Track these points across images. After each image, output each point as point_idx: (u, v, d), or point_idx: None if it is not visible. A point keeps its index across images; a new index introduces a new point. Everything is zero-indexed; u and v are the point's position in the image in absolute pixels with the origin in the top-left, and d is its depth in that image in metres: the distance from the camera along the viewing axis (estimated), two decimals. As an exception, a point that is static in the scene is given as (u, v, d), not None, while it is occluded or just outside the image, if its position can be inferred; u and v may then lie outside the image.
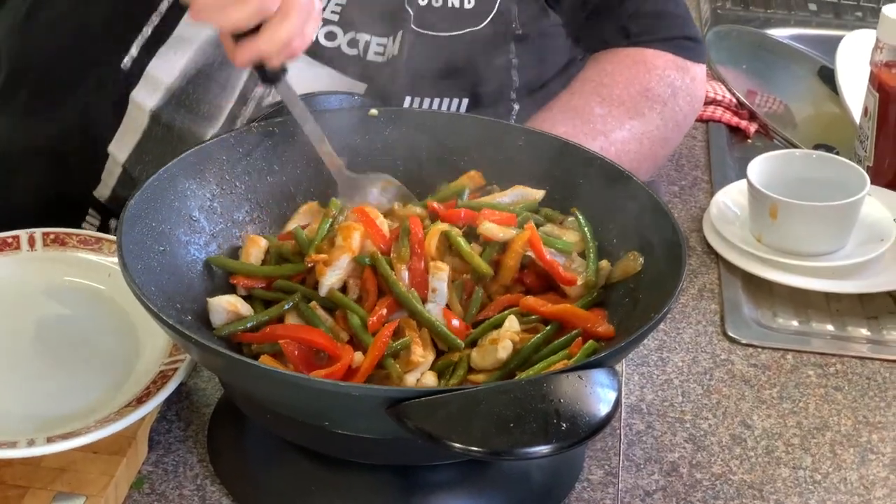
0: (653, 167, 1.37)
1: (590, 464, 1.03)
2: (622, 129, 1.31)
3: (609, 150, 1.28)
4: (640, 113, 1.33)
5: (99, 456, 0.97)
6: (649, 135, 1.33)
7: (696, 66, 1.39)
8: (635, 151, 1.31)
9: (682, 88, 1.36)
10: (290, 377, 0.87)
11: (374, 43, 1.26)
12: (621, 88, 1.33)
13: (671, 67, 1.36)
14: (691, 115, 1.39)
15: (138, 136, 1.30)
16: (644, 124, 1.33)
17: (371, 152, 1.13)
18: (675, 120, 1.36)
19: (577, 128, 1.28)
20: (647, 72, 1.35)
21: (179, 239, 1.03)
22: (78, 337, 1.08)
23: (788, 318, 1.25)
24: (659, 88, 1.35)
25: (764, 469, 1.04)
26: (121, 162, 1.31)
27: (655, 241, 1.02)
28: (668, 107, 1.35)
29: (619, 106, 1.32)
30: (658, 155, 1.36)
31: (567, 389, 0.83)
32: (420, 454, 0.92)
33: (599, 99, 1.32)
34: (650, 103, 1.34)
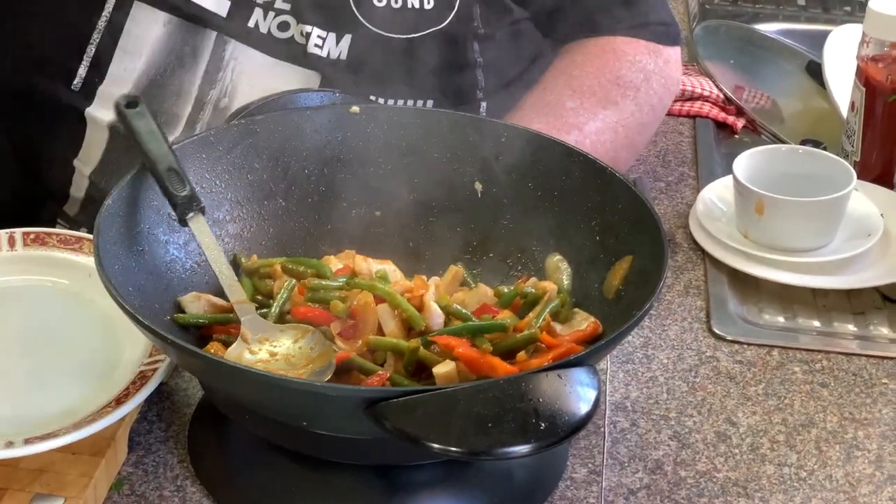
0: (632, 154, 1.36)
1: (573, 462, 1.03)
2: (595, 120, 1.30)
3: (584, 142, 1.27)
4: (612, 101, 1.32)
5: (78, 457, 0.96)
6: (624, 122, 1.32)
7: (669, 49, 1.38)
8: (611, 141, 1.31)
9: (656, 72, 1.36)
10: (268, 377, 0.86)
11: (314, 35, 1.25)
12: (592, 78, 1.33)
13: (642, 52, 1.35)
14: (667, 98, 1.39)
15: (101, 149, 1.29)
16: (618, 112, 1.32)
17: (352, 149, 1.12)
18: (650, 104, 1.35)
19: (550, 123, 1.27)
20: (618, 59, 1.34)
21: (158, 238, 1.02)
22: (57, 337, 1.07)
23: (775, 315, 1.24)
24: (630, 74, 1.34)
25: (749, 466, 1.04)
26: (86, 174, 1.30)
27: (639, 238, 1.02)
28: (642, 92, 1.34)
29: (591, 97, 1.32)
30: (636, 141, 1.35)
31: (546, 388, 0.82)
32: (401, 454, 0.92)
33: (570, 91, 1.32)
34: (622, 90, 1.33)
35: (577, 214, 1.07)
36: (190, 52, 1.25)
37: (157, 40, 1.25)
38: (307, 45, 1.24)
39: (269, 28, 1.23)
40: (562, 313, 1.00)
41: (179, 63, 1.25)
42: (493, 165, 1.12)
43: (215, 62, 1.25)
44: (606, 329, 0.99)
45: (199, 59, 1.25)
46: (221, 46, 1.25)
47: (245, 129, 1.07)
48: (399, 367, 0.95)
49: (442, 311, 0.99)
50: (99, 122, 1.27)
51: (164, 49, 1.25)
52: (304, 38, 1.24)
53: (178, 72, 1.25)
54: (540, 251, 1.09)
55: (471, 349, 0.93)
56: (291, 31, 1.23)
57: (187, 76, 1.25)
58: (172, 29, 1.25)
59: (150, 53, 1.25)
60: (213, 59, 1.25)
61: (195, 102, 1.26)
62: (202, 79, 1.25)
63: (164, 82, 1.26)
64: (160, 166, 1.00)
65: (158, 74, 1.26)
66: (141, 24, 1.25)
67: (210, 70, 1.25)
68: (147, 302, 0.96)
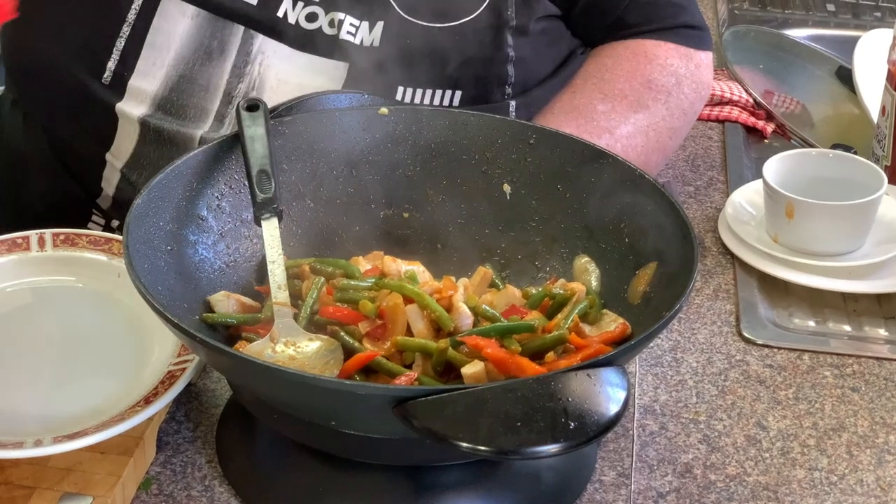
0: (662, 159, 1.35)
1: (602, 465, 1.02)
2: (627, 124, 1.30)
3: (615, 146, 1.27)
4: (643, 105, 1.32)
5: (106, 456, 0.96)
6: (655, 126, 1.32)
7: (701, 53, 1.37)
8: (642, 145, 1.30)
9: (687, 76, 1.35)
10: (297, 376, 0.86)
11: (347, 23, 1.25)
12: (623, 82, 1.32)
13: (673, 56, 1.35)
14: (698, 103, 1.38)
15: (133, 143, 1.30)
16: (649, 116, 1.32)
17: (380, 151, 1.12)
18: (682, 108, 1.34)
19: (581, 127, 1.27)
20: (649, 62, 1.34)
21: (187, 238, 1.02)
22: (87, 337, 1.07)
23: (805, 319, 1.23)
24: (662, 78, 1.33)
25: (779, 470, 1.03)
26: (118, 168, 1.31)
27: (668, 240, 1.01)
28: (673, 96, 1.33)
29: (622, 100, 1.31)
30: (666, 146, 1.34)
31: (576, 388, 0.82)
32: (429, 454, 0.91)
33: (601, 95, 1.31)
34: (654, 94, 1.32)
35: (606, 216, 1.07)
36: (218, 47, 1.26)
37: (184, 34, 1.25)
38: (339, 32, 1.23)
39: (298, 18, 1.23)
40: (590, 315, 1.00)
41: (207, 57, 1.26)
42: (522, 167, 1.11)
43: (243, 56, 1.25)
44: (635, 331, 0.98)
45: (226, 54, 1.26)
46: (249, 41, 1.25)
47: (273, 130, 1.07)
48: (427, 367, 0.94)
49: (471, 312, 0.98)
50: (129, 117, 1.28)
51: (191, 43, 1.25)
52: (333, 27, 1.24)
53: (206, 66, 1.26)
54: (568, 253, 1.09)
55: (499, 350, 0.93)
56: (319, 22, 1.23)
57: (215, 70, 1.26)
58: (200, 22, 1.25)
59: (179, 47, 1.26)
60: (240, 53, 1.25)
61: (223, 96, 1.26)
62: (230, 73, 1.26)
63: (192, 77, 1.27)
64: (253, 168, 1.03)
65: (187, 69, 1.27)
66: (169, 19, 1.25)
67: (238, 64, 1.26)
68: (176, 301, 0.96)
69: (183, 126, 1.27)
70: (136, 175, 1.30)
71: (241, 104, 1.06)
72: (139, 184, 1.29)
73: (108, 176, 1.32)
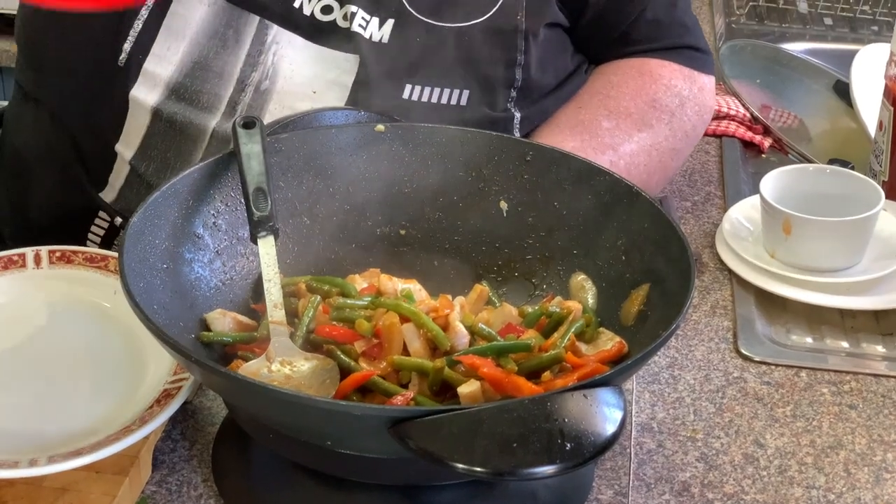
0: (663, 179, 1.35)
1: (599, 483, 1.02)
2: (630, 142, 1.30)
3: (618, 163, 1.26)
4: (648, 124, 1.31)
5: (101, 475, 0.96)
6: (658, 146, 1.31)
7: (704, 77, 1.38)
8: (644, 164, 1.30)
9: (690, 98, 1.35)
10: (292, 396, 0.85)
11: (359, 16, 1.25)
12: (628, 100, 1.32)
13: (677, 77, 1.35)
14: (700, 126, 1.38)
15: (142, 132, 1.29)
16: (653, 136, 1.31)
17: (377, 168, 1.12)
18: (684, 130, 1.34)
19: (585, 142, 1.27)
20: (654, 82, 1.34)
21: (183, 256, 1.02)
22: (82, 355, 1.07)
23: (802, 335, 1.23)
24: (666, 99, 1.33)
25: (777, 489, 1.03)
26: (127, 159, 1.31)
27: (665, 258, 1.01)
28: (677, 117, 1.33)
29: (627, 118, 1.31)
30: (668, 167, 1.34)
31: (572, 408, 0.82)
32: (425, 474, 0.91)
33: (607, 112, 1.31)
34: (658, 114, 1.32)
35: (603, 234, 1.07)
36: (233, 35, 1.26)
37: (201, 21, 1.26)
38: (351, 24, 1.24)
39: (313, 10, 1.23)
40: (587, 333, 0.99)
41: (222, 45, 1.26)
42: (519, 184, 1.11)
43: (257, 45, 1.26)
44: (632, 349, 0.98)
45: (241, 42, 1.26)
46: (264, 31, 1.26)
47: (270, 147, 1.07)
48: (423, 387, 0.94)
49: (467, 331, 0.98)
50: (141, 104, 1.28)
51: (207, 30, 1.26)
52: (346, 20, 1.24)
53: (221, 53, 1.26)
54: (565, 270, 1.08)
55: (496, 369, 0.93)
56: (334, 15, 1.23)
57: (230, 58, 1.26)
58: (217, 10, 1.26)
59: (194, 34, 1.26)
60: (255, 42, 1.26)
61: (237, 84, 1.26)
62: (244, 61, 1.26)
63: (206, 63, 1.27)
64: (250, 185, 1.03)
65: (202, 55, 1.27)
66: (187, 5, 1.26)
67: (252, 53, 1.26)
68: (171, 320, 0.96)
69: (195, 114, 1.27)
70: (145, 167, 1.30)
71: (237, 121, 1.06)
72: (147, 176, 1.29)
73: (118, 168, 1.32)
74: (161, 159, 1.29)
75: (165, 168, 1.29)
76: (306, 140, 1.11)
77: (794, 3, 1.96)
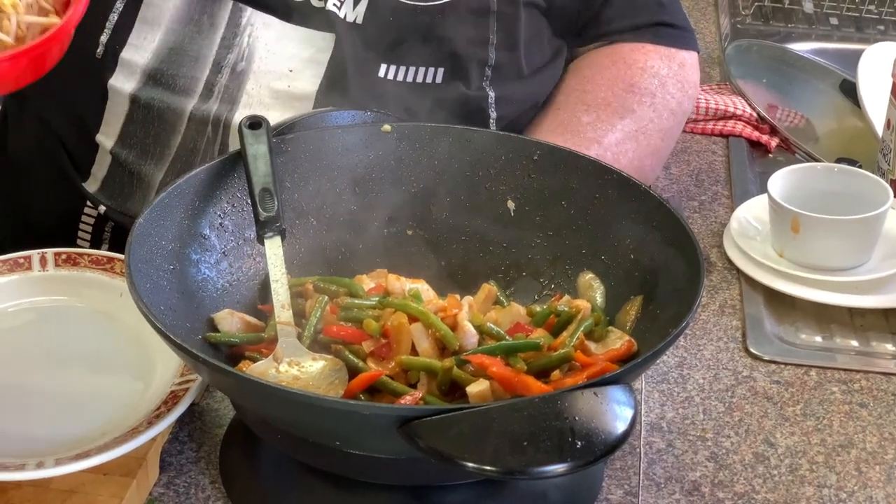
0: (657, 161, 1.35)
1: (609, 483, 1.01)
2: (614, 132, 1.29)
3: (605, 155, 1.26)
4: (629, 110, 1.31)
5: (109, 477, 0.95)
6: (644, 130, 1.31)
7: (684, 53, 1.37)
8: (633, 150, 1.30)
9: (670, 76, 1.35)
10: (301, 396, 0.85)
11: None
12: (605, 90, 1.32)
13: (653, 58, 1.34)
14: (686, 101, 1.37)
15: (121, 121, 1.30)
16: (636, 121, 1.31)
17: (383, 168, 1.11)
18: (669, 108, 1.34)
19: (568, 141, 1.26)
20: (628, 67, 1.34)
21: (190, 257, 1.01)
22: (89, 357, 1.07)
23: (811, 334, 1.22)
24: (644, 81, 1.33)
25: (788, 488, 1.02)
26: (108, 149, 1.31)
27: (673, 257, 1.01)
28: (658, 97, 1.33)
29: (606, 108, 1.31)
30: (659, 148, 1.34)
31: (582, 407, 0.81)
32: (434, 474, 0.91)
33: (584, 107, 1.31)
34: (638, 97, 1.32)
35: (611, 232, 1.06)
36: (207, 20, 1.26)
37: (175, 9, 1.26)
38: (325, 4, 1.24)
39: None
40: (596, 332, 0.99)
41: (197, 30, 1.27)
42: (526, 183, 1.11)
43: (232, 28, 1.26)
44: (641, 348, 0.97)
45: (216, 26, 1.26)
46: (238, 13, 1.26)
47: (276, 147, 1.07)
48: (432, 387, 0.94)
49: (476, 331, 0.98)
50: (119, 92, 1.28)
51: (182, 18, 1.26)
52: (320, 1, 1.24)
53: (196, 38, 1.26)
54: (573, 269, 1.08)
55: (505, 368, 0.92)
56: None
57: (205, 42, 1.26)
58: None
59: (169, 22, 1.27)
60: (230, 25, 1.26)
61: (213, 66, 1.26)
62: (219, 44, 1.26)
63: (182, 48, 1.27)
64: (256, 186, 1.02)
65: (177, 41, 1.27)
66: None
67: (227, 36, 1.26)
68: (178, 321, 0.96)
69: (172, 98, 1.27)
70: (125, 155, 1.30)
71: (243, 122, 1.06)
72: (128, 164, 1.30)
73: (100, 159, 1.32)
74: (140, 146, 1.29)
75: (145, 155, 1.29)
76: (313, 140, 1.10)
77: (799, 3, 1.96)
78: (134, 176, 1.30)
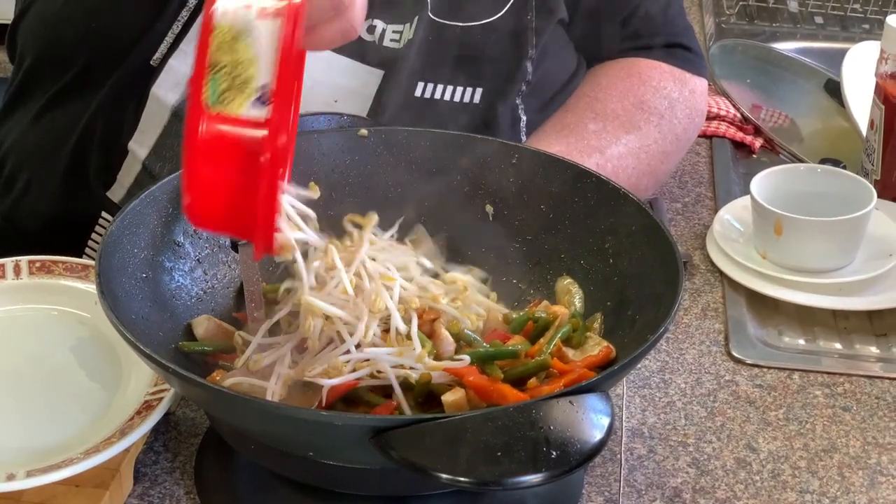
0: (653, 183, 1.34)
1: (589, 490, 1.00)
2: (618, 144, 1.28)
3: (606, 166, 1.25)
4: (636, 126, 1.30)
5: (81, 489, 0.94)
6: (647, 149, 1.30)
7: (696, 79, 1.36)
8: (633, 167, 1.28)
9: (680, 101, 1.34)
10: (272, 407, 0.84)
11: (389, 31, 1.24)
12: (615, 102, 1.31)
13: (667, 79, 1.33)
14: (691, 129, 1.36)
15: (158, 131, 1.27)
16: (641, 138, 1.30)
17: (361, 173, 1.10)
18: (675, 133, 1.33)
19: (571, 145, 1.25)
20: (642, 84, 1.33)
21: (163, 265, 1.00)
22: (62, 367, 1.05)
23: (795, 337, 1.21)
24: (655, 101, 1.32)
25: (770, 493, 1.01)
26: (141, 159, 1.29)
27: (653, 260, 0.99)
28: (666, 119, 1.32)
29: (614, 120, 1.30)
30: (657, 170, 1.32)
31: (557, 415, 0.80)
32: (410, 484, 0.89)
33: (593, 114, 1.29)
34: (646, 116, 1.31)
35: (590, 237, 1.05)
36: None
37: None
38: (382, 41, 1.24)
39: None
40: (574, 338, 0.98)
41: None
42: (505, 187, 1.10)
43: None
44: (620, 354, 0.96)
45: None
46: None
47: (251, 153, 1.05)
48: (408, 396, 0.92)
49: (453, 338, 0.96)
50: (161, 102, 1.26)
51: None
52: (370, 34, 1.24)
53: None
54: (552, 274, 1.07)
55: (481, 377, 0.91)
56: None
57: None
58: None
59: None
60: None
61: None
62: None
63: None
64: None
65: None
66: None
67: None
68: (151, 330, 0.95)
69: None
70: (159, 167, 1.27)
71: None
72: (160, 176, 1.27)
73: (129, 166, 1.30)
74: (176, 161, 1.27)
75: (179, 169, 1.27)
76: (288, 145, 1.09)
77: (784, 3, 1.95)
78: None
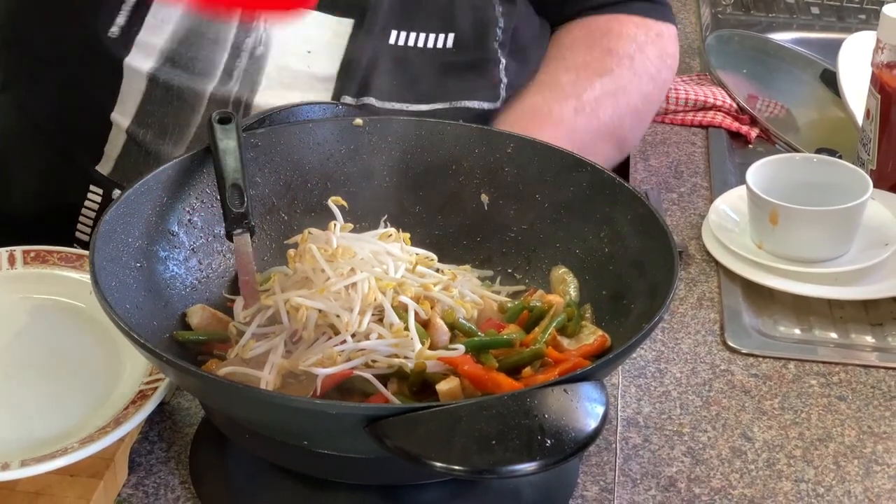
0: (637, 122, 1.36)
1: (584, 479, 1.00)
2: (593, 89, 1.31)
3: (584, 110, 1.27)
4: (607, 70, 1.33)
5: (76, 479, 0.94)
6: (624, 89, 1.33)
7: (661, 24, 1.39)
8: (612, 107, 1.31)
9: (647, 43, 1.36)
10: (266, 395, 0.84)
11: None
12: (584, 54, 1.34)
13: (629, 26, 1.36)
14: (665, 71, 1.39)
15: (138, 99, 1.27)
16: (615, 79, 1.33)
17: (355, 162, 1.10)
18: (649, 73, 1.35)
19: (546, 96, 1.28)
20: (605, 35, 1.36)
21: (157, 255, 1.00)
22: (57, 357, 1.05)
23: (790, 327, 1.21)
24: (621, 46, 1.35)
25: (765, 483, 1.01)
26: (124, 128, 1.29)
27: (648, 249, 0.99)
28: (637, 60, 1.34)
29: (585, 69, 1.32)
30: (640, 110, 1.35)
31: (552, 404, 0.80)
32: (404, 473, 0.89)
33: (564, 69, 1.32)
34: (617, 59, 1.34)
35: (586, 226, 1.05)
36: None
37: None
38: None
39: None
40: (569, 327, 0.98)
41: (215, 14, 1.25)
42: (500, 176, 1.10)
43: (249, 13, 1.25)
44: (615, 342, 0.96)
45: (233, 11, 1.25)
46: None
47: (246, 142, 1.05)
48: (403, 386, 0.92)
49: (448, 328, 0.96)
50: (137, 71, 1.26)
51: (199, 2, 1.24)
52: None
53: (213, 21, 1.25)
54: (548, 263, 1.07)
55: (476, 366, 0.91)
56: None
57: (223, 25, 1.25)
58: None
59: (186, 6, 1.25)
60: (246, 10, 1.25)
61: (231, 50, 1.25)
62: (237, 27, 1.25)
63: (200, 30, 1.26)
64: (226, 181, 1.01)
65: (194, 24, 1.26)
66: None
67: (244, 20, 1.25)
68: (145, 320, 0.94)
69: (192, 80, 1.25)
70: (143, 134, 1.27)
71: (213, 117, 1.04)
72: (145, 143, 1.27)
73: (114, 138, 1.30)
74: (159, 125, 1.27)
75: (164, 134, 1.27)
76: (283, 135, 1.09)
77: (780, -7, 1.95)
78: (151, 156, 1.27)
